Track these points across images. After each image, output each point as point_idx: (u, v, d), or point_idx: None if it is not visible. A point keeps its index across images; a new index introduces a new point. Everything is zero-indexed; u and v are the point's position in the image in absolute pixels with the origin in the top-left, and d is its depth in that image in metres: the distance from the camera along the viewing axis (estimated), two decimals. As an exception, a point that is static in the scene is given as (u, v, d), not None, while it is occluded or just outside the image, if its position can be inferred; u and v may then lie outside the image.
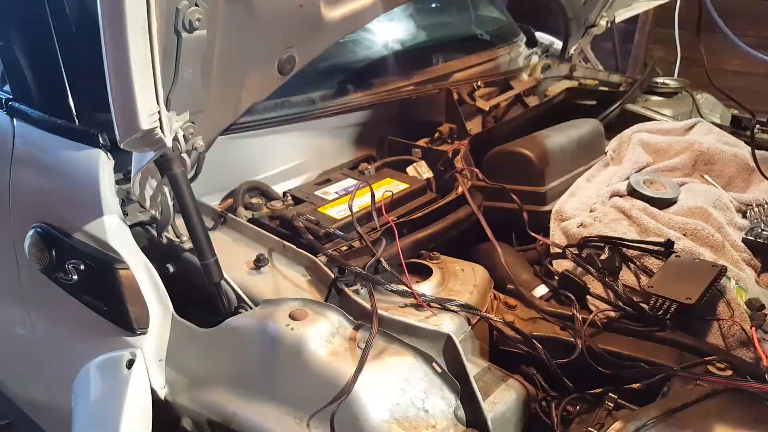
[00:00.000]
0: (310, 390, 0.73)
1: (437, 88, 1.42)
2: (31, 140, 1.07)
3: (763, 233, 1.10)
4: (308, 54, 1.07)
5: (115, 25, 0.65)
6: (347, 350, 0.75)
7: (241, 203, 1.12)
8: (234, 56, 0.91)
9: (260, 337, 0.78)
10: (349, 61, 1.37)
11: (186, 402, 0.84)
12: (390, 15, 1.43)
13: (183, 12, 0.74)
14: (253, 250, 0.95)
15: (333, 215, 1.05)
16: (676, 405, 0.72)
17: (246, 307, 0.86)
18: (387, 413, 0.70)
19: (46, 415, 1.30)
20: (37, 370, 1.22)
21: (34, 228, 0.99)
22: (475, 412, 0.73)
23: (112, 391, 0.85)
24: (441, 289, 0.91)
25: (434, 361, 0.75)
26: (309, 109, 1.25)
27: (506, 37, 1.72)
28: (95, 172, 0.92)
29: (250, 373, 0.80)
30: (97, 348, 0.93)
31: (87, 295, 0.96)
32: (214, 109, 0.93)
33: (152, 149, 0.78)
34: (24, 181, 1.06)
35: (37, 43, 1.09)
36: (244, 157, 1.21)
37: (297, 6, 0.98)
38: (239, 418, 0.78)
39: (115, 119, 0.71)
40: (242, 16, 0.89)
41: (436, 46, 1.54)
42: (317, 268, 0.89)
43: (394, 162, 1.29)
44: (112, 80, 0.69)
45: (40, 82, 1.09)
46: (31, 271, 1.03)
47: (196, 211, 0.85)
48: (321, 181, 1.22)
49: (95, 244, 0.91)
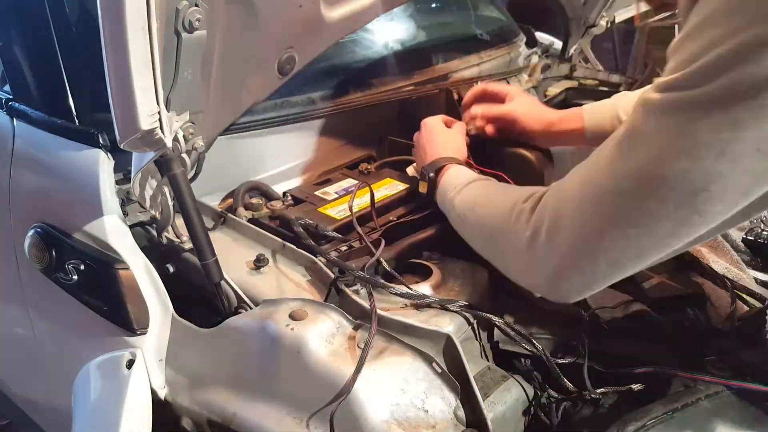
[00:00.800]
0: (310, 390, 0.73)
1: (437, 88, 1.42)
2: (31, 140, 1.07)
3: (763, 233, 1.10)
4: (308, 54, 1.07)
5: (115, 25, 0.65)
6: (347, 350, 0.75)
7: (241, 203, 1.12)
8: (234, 56, 0.91)
9: (260, 337, 0.78)
10: (349, 61, 1.36)
11: (186, 402, 0.84)
12: (390, 15, 1.42)
13: (183, 12, 0.74)
14: (253, 250, 0.95)
15: (333, 215, 1.05)
16: (676, 405, 0.72)
17: (246, 307, 0.86)
18: (387, 413, 0.70)
19: (46, 415, 1.30)
20: (37, 370, 1.22)
21: (34, 228, 0.99)
22: (475, 412, 0.73)
23: (112, 391, 0.85)
24: (441, 290, 0.91)
25: (434, 361, 0.75)
26: (309, 109, 1.25)
27: (506, 37, 1.72)
28: (95, 172, 0.92)
29: (250, 373, 0.80)
30: (97, 348, 0.93)
31: (87, 295, 0.96)
32: (214, 109, 0.93)
33: (152, 149, 0.78)
34: (24, 181, 1.06)
35: (37, 43, 1.09)
36: (244, 157, 1.21)
37: (297, 6, 0.98)
38: (239, 418, 0.78)
39: (115, 119, 0.71)
40: (242, 16, 0.89)
41: (436, 46, 1.54)
42: (317, 268, 0.89)
43: (394, 162, 1.29)
44: (112, 80, 0.69)
45: (40, 82, 1.09)
46: (31, 271, 1.03)
47: (196, 211, 0.86)
48: (321, 181, 1.22)
49: (95, 244, 0.91)
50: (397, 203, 1.11)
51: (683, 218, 0.59)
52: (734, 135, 0.55)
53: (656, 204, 0.60)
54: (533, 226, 0.71)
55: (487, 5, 1.83)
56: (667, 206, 0.59)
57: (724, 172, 0.56)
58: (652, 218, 0.60)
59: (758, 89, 0.53)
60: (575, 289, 0.70)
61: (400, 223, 1.05)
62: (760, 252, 1.08)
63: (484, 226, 0.84)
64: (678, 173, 0.57)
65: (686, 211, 0.59)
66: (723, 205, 0.58)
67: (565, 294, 0.71)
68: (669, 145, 0.58)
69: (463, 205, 0.89)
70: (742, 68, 0.53)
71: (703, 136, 0.56)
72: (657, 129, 0.60)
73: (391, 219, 1.06)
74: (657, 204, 0.60)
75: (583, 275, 0.68)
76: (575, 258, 0.67)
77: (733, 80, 0.54)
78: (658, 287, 0.92)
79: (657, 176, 0.59)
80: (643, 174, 0.60)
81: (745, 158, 0.55)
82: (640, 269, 0.67)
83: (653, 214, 0.60)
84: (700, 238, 0.63)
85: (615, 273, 0.67)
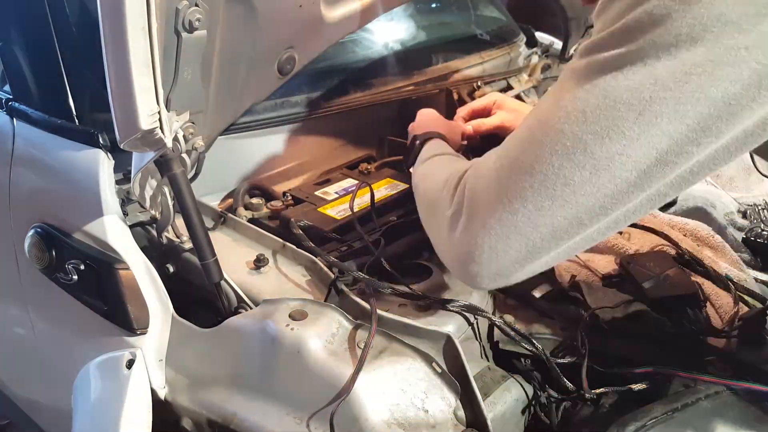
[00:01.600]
0: (310, 390, 0.73)
1: (437, 88, 1.42)
2: (31, 140, 1.07)
3: (763, 233, 1.10)
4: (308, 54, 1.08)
5: (115, 25, 0.65)
6: (347, 350, 0.75)
7: (241, 203, 1.12)
8: (234, 56, 0.91)
9: (260, 337, 0.78)
10: (349, 61, 1.37)
11: (186, 402, 0.84)
12: (390, 15, 1.42)
13: (183, 12, 0.74)
14: (253, 250, 0.95)
15: (333, 215, 1.05)
16: (676, 405, 0.72)
17: (246, 307, 0.86)
18: (387, 413, 0.70)
19: (46, 415, 1.30)
20: (37, 370, 1.22)
21: (34, 228, 0.99)
22: (475, 412, 0.73)
23: (112, 391, 0.85)
24: (441, 290, 0.91)
25: (434, 361, 0.75)
26: (309, 109, 1.25)
27: (506, 37, 1.72)
28: (95, 172, 0.92)
29: (250, 373, 0.80)
30: (97, 348, 0.93)
31: (87, 295, 0.96)
32: (214, 109, 0.93)
33: (152, 149, 0.78)
34: (24, 181, 1.06)
35: (37, 43, 1.09)
36: (244, 157, 1.21)
37: (297, 6, 0.98)
38: (239, 418, 0.78)
39: (115, 119, 0.71)
40: (242, 16, 0.89)
41: (436, 46, 1.54)
42: (317, 268, 0.89)
43: (394, 162, 1.29)
44: (112, 80, 0.69)
45: (40, 82, 1.09)
46: (31, 271, 1.03)
47: (196, 211, 0.85)
48: (321, 181, 1.23)
49: (95, 244, 0.91)
50: (397, 203, 1.11)
51: (599, 187, 0.57)
52: (654, 94, 0.53)
53: (572, 170, 0.57)
54: (455, 204, 0.68)
55: (487, 5, 1.83)
56: (582, 172, 0.56)
57: (642, 135, 0.54)
58: (567, 187, 0.57)
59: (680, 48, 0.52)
60: (487, 274, 0.64)
61: (400, 223, 1.05)
62: (760, 252, 1.08)
63: (423, 200, 0.81)
64: (596, 135, 0.55)
65: (602, 177, 0.56)
66: (638, 173, 0.56)
67: (477, 279, 0.65)
68: (589, 108, 0.56)
69: (417, 176, 0.88)
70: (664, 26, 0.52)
71: (624, 94, 0.54)
72: (578, 93, 0.58)
73: (391, 219, 1.06)
74: (573, 170, 0.57)
75: (496, 257, 0.63)
76: (488, 237, 0.62)
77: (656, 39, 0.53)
78: (658, 287, 0.92)
79: (575, 139, 0.56)
80: (561, 139, 0.57)
81: (663, 119, 0.54)
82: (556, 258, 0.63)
83: (568, 183, 0.57)
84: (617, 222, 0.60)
85: (529, 258, 0.62)
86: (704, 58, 0.52)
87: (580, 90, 0.58)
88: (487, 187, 0.64)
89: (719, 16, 0.51)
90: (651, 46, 0.53)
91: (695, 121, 0.53)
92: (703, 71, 0.52)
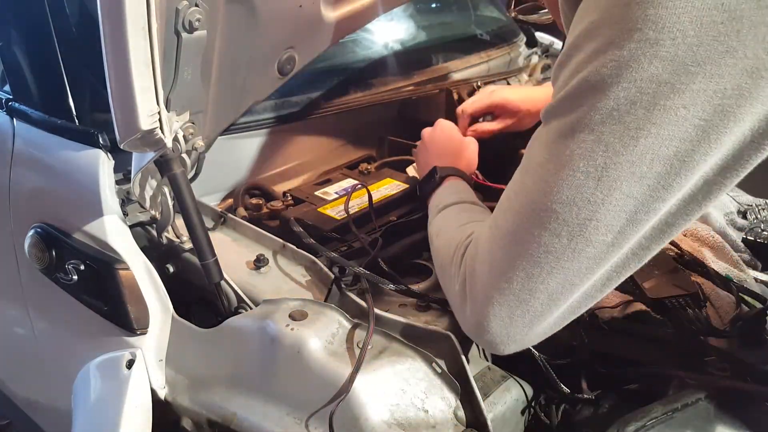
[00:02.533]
0: (310, 390, 0.73)
1: (437, 89, 1.42)
2: (31, 140, 1.07)
3: (763, 233, 1.10)
4: (308, 54, 1.08)
5: (115, 25, 0.65)
6: (347, 350, 0.75)
7: (241, 203, 1.12)
8: (234, 56, 0.91)
9: (260, 337, 0.78)
10: (349, 61, 1.37)
11: (186, 402, 0.84)
12: (390, 15, 1.43)
13: (183, 12, 0.74)
14: (253, 250, 0.95)
15: (333, 215, 1.05)
16: (676, 405, 0.72)
17: (246, 307, 0.86)
18: (386, 413, 0.70)
19: (46, 415, 1.30)
20: (37, 370, 1.22)
21: (34, 228, 0.99)
22: (475, 412, 0.73)
23: (112, 392, 0.85)
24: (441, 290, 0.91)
25: (434, 361, 0.75)
26: (309, 109, 1.25)
27: (506, 37, 1.72)
28: (95, 172, 0.92)
29: (250, 373, 0.80)
30: (97, 348, 0.93)
31: (87, 296, 0.96)
32: (214, 109, 0.93)
33: (152, 149, 0.78)
34: (24, 181, 1.06)
35: (37, 43, 1.09)
36: (244, 157, 1.21)
37: (297, 6, 0.98)
38: (239, 418, 0.78)
39: (115, 119, 0.71)
40: (242, 16, 0.89)
41: (436, 46, 1.54)
42: (317, 268, 0.89)
43: (394, 162, 1.29)
44: (112, 80, 0.69)
45: (40, 82, 1.09)
46: (31, 271, 1.03)
47: (196, 211, 0.86)
48: (321, 181, 1.23)
49: (95, 244, 0.91)
50: (396, 203, 1.11)
51: (579, 252, 0.57)
52: (608, 160, 0.53)
53: (551, 238, 0.58)
54: (460, 278, 0.70)
55: (487, 5, 1.83)
56: (561, 239, 0.57)
57: (606, 199, 0.55)
58: (550, 255, 0.58)
59: (621, 113, 0.52)
60: (501, 341, 0.65)
61: (399, 223, 1.05)
62: (760, 252, 1.08)
63: (437, 260, 0.83)
64: (564, 204, 0.56)
65: (579, 243, 0.57)
66: (613, 235, 0.56)
67: (494, 347, 0.66)
68: (552, 176, 0.57)
69: (433, 229, 0.89)
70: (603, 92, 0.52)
71: (580, 163, 0.55)
72: (542, 160, 0.59)
73: (390, 219, 1.06)
74: (551, 238, 0.58)
75: (504, 325, 0.63)
76: (492, 307, 0.63)
77: (598, 105, 0.53)
78: (658, 287, 0.92)
79: (546, 209, 0.57)
80: (535, 208, 0.58)
81: (622, 183, 0.54)
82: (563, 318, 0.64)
83: (550, 251, 0.58)
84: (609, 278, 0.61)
85: (535, 321, 0.63)
86: (646, 120, 0.52)
87: (542, 158, 0.59)
88: (483, 260, 0.66)
89: (652, 78, 0.51)
90: (595, 112, 0.53)
91: (655, 181, 0.54)
92: (648, 133, 0.52)
